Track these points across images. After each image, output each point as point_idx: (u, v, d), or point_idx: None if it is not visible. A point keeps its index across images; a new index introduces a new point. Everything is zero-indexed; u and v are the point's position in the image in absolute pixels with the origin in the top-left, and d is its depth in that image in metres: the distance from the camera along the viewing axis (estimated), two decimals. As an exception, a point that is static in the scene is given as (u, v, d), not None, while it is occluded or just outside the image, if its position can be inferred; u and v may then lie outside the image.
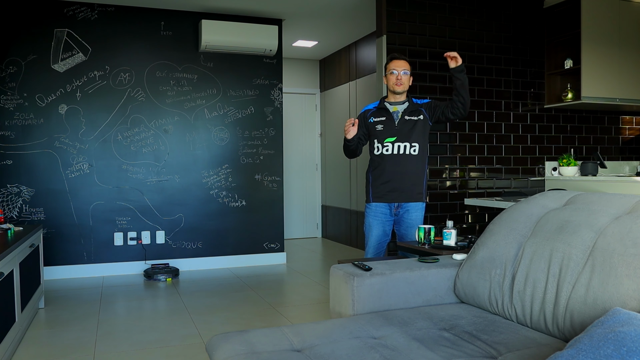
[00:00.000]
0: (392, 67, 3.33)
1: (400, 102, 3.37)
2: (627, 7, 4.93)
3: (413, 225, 3.31)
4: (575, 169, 4.84)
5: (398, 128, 3.30)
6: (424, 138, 3.34)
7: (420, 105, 3.35)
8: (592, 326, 1.24)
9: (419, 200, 3.33)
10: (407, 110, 3.33)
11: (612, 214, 1.84)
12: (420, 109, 3.34)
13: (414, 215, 3.32)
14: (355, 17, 5.68)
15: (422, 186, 3.35)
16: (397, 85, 3.30)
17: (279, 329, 1.89)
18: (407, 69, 3.33)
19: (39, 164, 4.97)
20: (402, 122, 3.31)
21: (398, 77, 3.29)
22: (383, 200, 3.33)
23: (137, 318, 3.76)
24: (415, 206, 3.32)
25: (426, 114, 3.33)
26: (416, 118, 3.31)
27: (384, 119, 3.34)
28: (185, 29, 5.41)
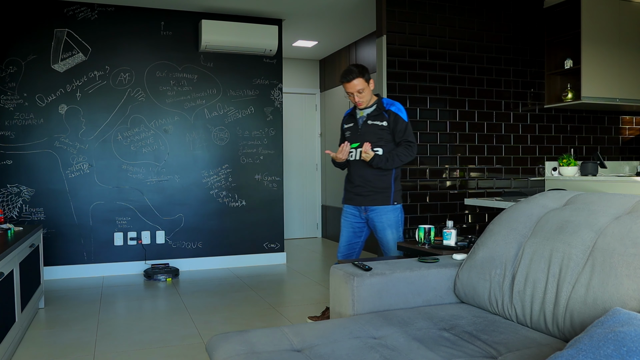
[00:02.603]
0: (347, 90, 3.24)
1: (370, 107, 3.31)
2: (627, 7, 4.93)
3: (383, 228, 3.27)
4: (575, 169, 4.84)
5: (360, 133, 3.28)
6: (388, 142, 3.25)
7: (387, 111, 3.24)
8: (592, 326, 1.24)
9: (386, 204, 3.26)
10: (372, 114, 3.26)
11: (612, 214, 1.84)
12: (384, 114, 3.23)
13: (384, 218, 3.26)
14: (355, 17, 5.68)
15: (390, 190, 3.27)
16: (359, 104, 3.25)
17: (279, 329, 1.89)
18: (360, 86, 3.18)
19: (39, 164, 4.97)
20: (365, 127, 3.27)
21: (357, 99, 3.22)
22: (352, 203, 3.34)
23: (137, 318, 3.76)
24: (382, 210, 3.26)
25: (389, 122, 3.23)
26: (379, 123, 3.24)
27: (352, 125, 3.35)
28: (185, 29, 5.41)
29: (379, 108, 3.26)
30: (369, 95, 3.24)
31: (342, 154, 3.22)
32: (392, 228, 3.27)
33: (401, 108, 3.27)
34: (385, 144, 3.24)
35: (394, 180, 3.29)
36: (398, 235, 3.30)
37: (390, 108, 3.24)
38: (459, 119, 4.85)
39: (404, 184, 4.66)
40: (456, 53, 4.84)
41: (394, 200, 3.27)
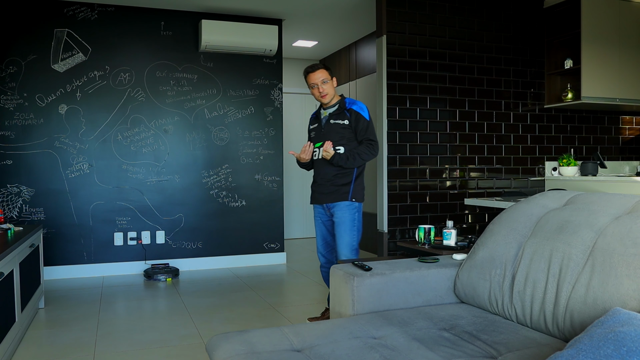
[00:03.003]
0: (311, 82, 3.26)
1: (331, 106, 3.34)
2: (627, 7, 4.93)
3: (339, 223, 3.28)
4: (575, 169, 4.84)
5: (323, 133, 3.31)
6: (350, 141, 3.26)
7: (348, 110, 3.26)
8: (592, 326, 1.24)
9: (344, 200, 3.26)
10: (334, 113, 3.29)
11: (612, 214, 1.84)
12: (346, 113, 3.25)
13: (339, 214, 3.27)
14: (355, 17, 5.67)
15: (349, 186, 3.28)
16: (323, 97, 3.26)
17: (279, 329, 1.89)
18: (325, 77, 3.24)
19: (39, 164, 4.97)
20: (327, 126, 3.30)
21: (320, 90, 3.24)
22: (317, 202, 3.38)
23: (137, 318, 3.76)
24: (339, 205, 3.28)
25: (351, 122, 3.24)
26: (341, 122, 3.26)
27: (316, 126, 3.39)
28: (185, 29, 5.41)
29: (340, 107, 3.28)
30: (332, 90, 3.27)
31: (306, 154, 3.27)
32: (346, 225, 3.25)
33: (363, 107, 3.28)
34: (348, 142, 3.25)
35: (355, 178, 3.29)
36: (351, 235, 3.27)
37: (351, 107, 3.26)
38: (459, 119, 4.85)
39: (404, 184, 4.66)
40: (456, 53, 4.84)
41: (352, 197, 3.27)
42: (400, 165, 4.65)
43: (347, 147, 3.24)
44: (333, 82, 3.29)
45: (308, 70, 3.27)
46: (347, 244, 3.26)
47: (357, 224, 3.31)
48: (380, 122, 4.65)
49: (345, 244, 3.26)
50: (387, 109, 4.59)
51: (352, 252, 3.27)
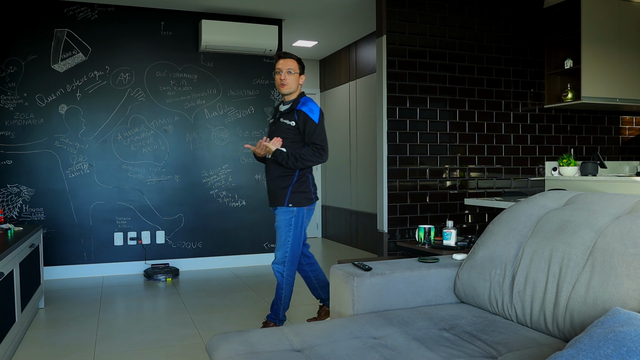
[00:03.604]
0: (277, 66, 3.16)
1: (287, 103, 3.22)
2: (627, 7, 4.93)
3: (277, 227, 3.22)
4: (575, 169, 4.84)
5: (273, 130, 3.24)
6: (295, 143, 3.15)
7: (297, 111, 3.13)
8: (592, 326, 1.24)
9: (281, 205, 3.18)
10: (285, 112, 3.20)
11: (612, 214, 1.84)
12: (295, 114, 3.14)
13: (277, 218, 3.21)
14: (355, 17, 5.68)
15: (287, 191, 3.17)
16: (282, 85, 3.14)
17: (279, 329, 1.89)
18: (292, 68, 3.14)
19: (39, 164, 4.97)
20: (277, 124, 3.22)
21: (282, 77, 3.13)
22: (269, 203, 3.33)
23: (137, 318, 3.76)
24: (278, 210, 3.21)
25: (299, 124, 3.12)
26: (288, 122, 3.15)
27: (272, 121, 3.32)
28: (185, 29, 5.41)
29: (292, 107, 3.18)
30: (294, 84, 3.16)
31: (260, 148, 3.16)
32: (281, 229, 3.18)
33: (314, 109, 3.13)
34: (292, 144, 3.14)
35: (295, 182, 3.17)
36: (286, 239, 3.18)
37: (301, 108, 3.13)
38: (459, 119, 4.85)
39: (404, 184, 4.66)
40: (456, 53, 4.84)
41: (289, 203, 3.16)
42: (400, 165, 4.65)
43: (291, 149, 3.12)
44: (300, 78, 3.18)
45: (280, 55, 3.17)
46: (281, 247, 3.18)
47: (294, 229, 3.18)
48: (380, 122, 4.65)
49: (279, 246, 3.20)
50: (387, 109, 4.59)
51: (284, 257, 3.18)
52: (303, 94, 3.24)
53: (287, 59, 3.15)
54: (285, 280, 3.21)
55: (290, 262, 3.20)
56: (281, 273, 3.21)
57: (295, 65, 3.17)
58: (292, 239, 3.19)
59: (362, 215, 6.58)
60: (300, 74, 3.19)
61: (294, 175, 3.17)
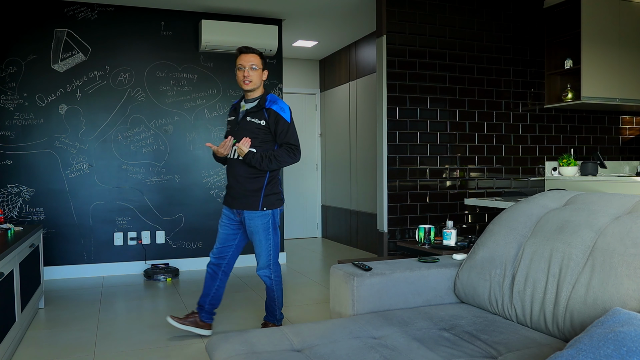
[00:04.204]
0: (239, 62, 3.02)
1: (251, 100, 3.09)
2: (627, 7, 4.93)
3: (251, 233, 3.11)
4: (575, 169, 4.84)
5: (238, 129, 3.07)
6: (266, 143, 3.03)
7: (267, 109, 3.02)
8: (592, 326, 1.24)
9: (254, 209, 3.05)
10: (252, 110, 3.05)
11: (612, 214, 1.84)
12: (264, 112, 3.02)
13: (252, 224, 3.08)
14: (355, 17, 5.68)
15: (260, 194, 3.06)
16: (245, 82, 3.00)
17: (279, 329, 1.89)
18: (256, 63, 3.01)
19: (39, 164, 4.97)
20: (242, 123, 3.06)
21: (245, 74, 2.99)
22: (227, 204, 3.16)
23: (137, 318, 3.76)
24: (250, 214, 3.07)
25: (269, 122, 3.01)
26: (257, 121, 3.01)
27: (233, 119, 3.15)
28: (185, 29, 5.41)
29: (259, 105, 3.04)
30: (258, 80, 3.04)
31: (224, 148, 3.01)
32: (260, 234, 3.08)
33: (285, 107, 3.05)
34: (262, 144, 3.02)
35: (267, 184, 3.07)
36: (267, 243, 3.10)
37: (271, 107, 3.02)
38: (459, 119, 4.85)
39: (404, 184, 4.66)
40: (456, 53, 4.84)
41: (263, 206, 3.05)
42: (400, 165, 4.65)
43: (261, 149, 3.00)
44: (263, 74, 3.05)
45: (242, 50, 3.04)
46: (264, 252, 3.11)
47: (272, 230, 3.11)
48: (380, 122, 4.65)
49: (262, 252, 3.11)
50: (387, 109, 4.59)
51: (269, 261, 3.12)
52: (267, 91, 3.14)
53: (250, 54, 3.02)
54: (274, 281, 3.16)
55: (274, 264, 3.15)
56: (269, 277, 3.15)
57: (259, 60, 3.04)
58: (272, 242, 3.12)
59: (362, 215, 6.58)
60: (263, 69, 3.06)
61: (264, 177, 3.06)
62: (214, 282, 3.24)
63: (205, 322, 3.25)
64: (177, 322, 3.20)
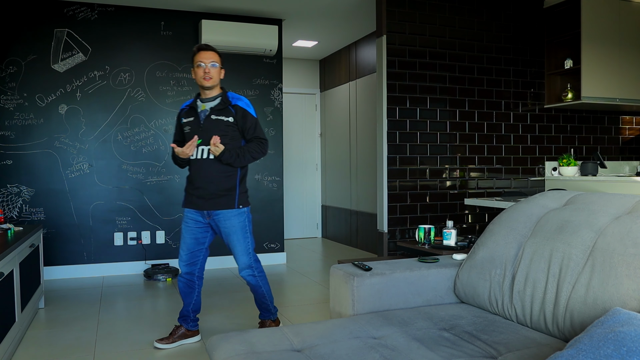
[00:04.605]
0: (199, 59, 2.97)
1: (211, 99, 3.03)
2: (627, 7, 4.93)
3: (227, 234, 3.04)
4: (575, 169, 4.84)
5: (203, 129, 2.98)
6: (235, 140, 3.01)
7: (233, 106, 3.00)
8: (592, 326, 1.24)
9: (230, 207, 3.00)
10: (216, 108, 3.00)
11: (612, 214, 1.84)
12: (230, 109, 2.99)
13: (228, 224, 3.01)
14: (355, 17, 5.68)
15: (235, 191, 3.02)
16: (206, 79, 2.95)
17: (279, 329, 1.89)
18: (215, 60, 2.98)
19: (39, 164, 4.97)
20: (208, 122, 2.99)
21: (206, 70, 2.95)
22: (193, 206, 3.05)
23: (137, 318, 3.76)
24: (225, 214, 3.01)
25: (237, 119, 2.99)
26: (225, 118, 2.98)
27: (192, 120, 3.05)
28: (185, 29, 5.41)
29: (224, 102, 3.01)
30: (218, 77, 3.00)
31: (190, 149, 2.94)
32: (238, 234, 3.03)
33: (249, 103, 3.06)
34: (231, 141, 2.99)
35: (240, 181, 3.05)
36: (246, 242, 3.07)
37: (237, 103, 3.01)
38: (459, 119, 4.85)
39: (404, 184, 4.66)
40: (456, 53, 4.84)
41: (239, 204, 3.03)
42: (400, 165, 4.65)
43: (230, 146, 2.96)
44: (221, 72, 3.03)
45: (202, 47, 3.00)
46: (244, 252, 3.06)
47: (249, 229, 3.09)
48: (380, 122, 4.65)
49: (242, 252, 3.06)
50: (387, 109, 4.59)
51: (250, 259, 3.09)
52: (224, 89, 3.11)
53: (209, 52, 2.99)
54: (259, 278, 3.13)
55: (255, 261, 3.12)
56: (253, 275, 3.11)
57: (217, 58, 3.01)
58: (250, 239, 3.09)
59: (362, 215, 6.58)
60: (221, 67, 3.04)
61: (236, 175, 3.03)
62: (193, 291, 3.15)
63: (193, 330, 3.21)
64: (166, 344, 3.11)
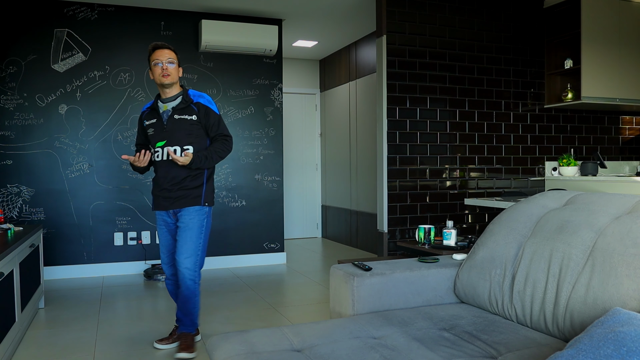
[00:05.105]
0: (155, 57, 2.90)
1: (171, 98, 2.96)
2: (627, 7, 4.93)
3: (185, 228, 2.93)
4: (575, 169, 4.84)
5: (167, 130, 2.93)
6: (200, 138, 2.95)
7: (195, 104, 2.94)
8: (592, 326, 1.24)
9: (196, 204, 2.94)
10: (178, 107, 2.93)
11: (612, 214, 1.84)
12: (193, 107, 2.93)
13: (187, 219, 2.93)
14: (355, 17, 5.68)
15: (201, 189, 2.96)
16: (164, 76, 2.88)
17: (279, 329, 1.89)
18: (173, 58, 2.92)
19: (39, 164, 4.97)
20: (171, 122, 2.93)
21: (164, 67, 2.88)
22: (161, 208, 2.99)
23: (137, 318, 3.76)
24: (188, 211, 2.94)
25: (200, 116, 2.93)
26: (188, 117, 2.92)
27: (155, 121, 2.98)
28: (185, 29, 5.41)
29: (185, 100, 2.94)
30: (176, 75, 2.93)
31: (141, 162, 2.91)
32: (193, 231, 2.92)
33: (211, 100, 3.00)
34: (196, 139, 2.94)
35: (207, 179, 3.00)
36: (198, 242, 2.94)
37: (199, 100, 2.95)
38: (459, 119, 4.85)
39: (404, 184, 4.66)
40: (456, 53, 4.84)
41: (205, 201, 2.97)
42: (400, 165, 4.65)
43: (197, 145, 2.93)
44: (179, 70, 2.96)
45: (157, 46, 2.93)
46: (193, 252, 2.92)
47: (206, 231, 2.99)
48: (380, 122, 4.65)
49: (190, 251, 2.92)
50: (387, 109, 4.59)
51: (196, 262, 2.95)
52: (184, 86, 3.05)
53: (165, 50, 2.92)
54: (197, 285, 2.99)
55: (200, 267, 3.00)
56: (194, 280, 2.96)
57: (174, 55, 2.95)
58: (204, 241, 2.99)
59: (362, 215, 6.58)
60: (179, 65, 2.98)
61: (204, 172, 2.98)
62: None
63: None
64: (166, 344, 3.10)
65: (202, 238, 2.97)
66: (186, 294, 2.97)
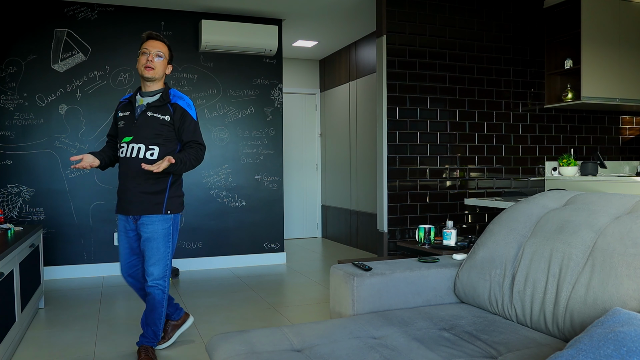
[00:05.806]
0: (145, 46, 2.77)
1: (151, 94, 2.81)
2: (627, 7, 4.93)
3: (150, 239, 2.74)
4: (575, 169, 4.84)
5: (136, 125, 2.74)
6: (168, 141, 2.75)
7: (172, 104, 2.78)
8: (592, 326, 1.24)
9: (156, 212, 2.74)
10: (154, 104, 2.76)
11: (612, 214, 1.84)
12: (169, 107, 2.76)
13: (149, 229, 2.74)
14: (355, 17, 5.68)
15: (164, 195, 2.76)
16: (147, 68, 2.74)
17: (279, 329, 1.89)
18: (162, 51, 2.78)
19: (39, 164, 4.97)
20: (142, 118, 2.74)
21: (149, 59, 2.74)
22: (122, 212, 2.80)
23: (137, 318, 3.76)
24: (151, 219, 2.74)
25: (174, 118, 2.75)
26: (161, 117, 2.73)
27: (127, 114, 2.80)
28: (185, 29, 5.41)
29: (162, 99, 2.78)
30: (161, 71, 2.81)
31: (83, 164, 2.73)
32: (158, 241, 2.75)
33: (191, 104, 2.83)
34: (165, 142, 2.74)
35: (171, 185, 2.79)
36: (166, 251, 2.78)
37: (177, 102, 2.78)
38: (459, 119, 4.85)
39: (404, 184, 4.66)
40: (456, 53, 4.84)
41: (167, 209, 2.76)
42: (400, 165, 4.65)
43: (164, 147, 2.73)
44: (167, 67, 2.84)
45: (151, 36, 2.80)
46: (160, 261, 2.77)
47: (173, 239, 2.82)
48: (380, 122, 4.65)
49: (157, 261, 2.76)
50: (387, 109, 4.59)
51: (164, 271, 2.79)
52: (169, 86, 2.91)
53: (157, 41, 2.79)
54: (165, 295, 2.85)
55: (168, 276, 2.84)
56: (162, 289, 2.81)
57: (166, 50, 2.82)
58: (171, 250, 2.81)
59: (362, 215, 6.58)
60: (169, 62, 2.85)
61: (167, 178, 2.78)
62: None
63: (180, 317, 3.15)
64: (164, 343, 3.08)
65: (169, 247, 2.80)
66: (153, 303, 2.82)
